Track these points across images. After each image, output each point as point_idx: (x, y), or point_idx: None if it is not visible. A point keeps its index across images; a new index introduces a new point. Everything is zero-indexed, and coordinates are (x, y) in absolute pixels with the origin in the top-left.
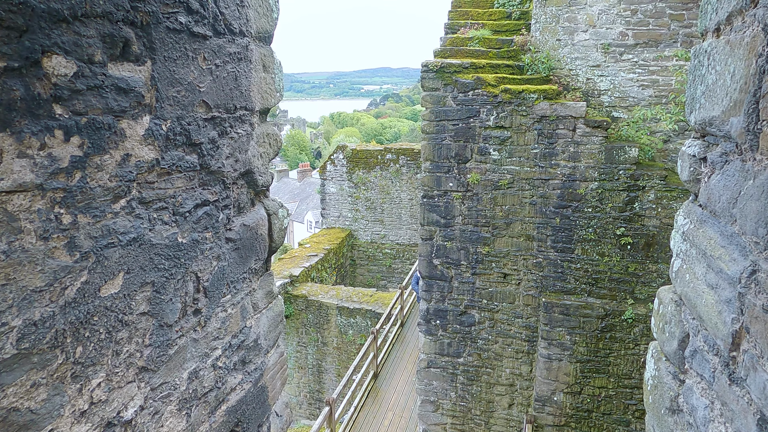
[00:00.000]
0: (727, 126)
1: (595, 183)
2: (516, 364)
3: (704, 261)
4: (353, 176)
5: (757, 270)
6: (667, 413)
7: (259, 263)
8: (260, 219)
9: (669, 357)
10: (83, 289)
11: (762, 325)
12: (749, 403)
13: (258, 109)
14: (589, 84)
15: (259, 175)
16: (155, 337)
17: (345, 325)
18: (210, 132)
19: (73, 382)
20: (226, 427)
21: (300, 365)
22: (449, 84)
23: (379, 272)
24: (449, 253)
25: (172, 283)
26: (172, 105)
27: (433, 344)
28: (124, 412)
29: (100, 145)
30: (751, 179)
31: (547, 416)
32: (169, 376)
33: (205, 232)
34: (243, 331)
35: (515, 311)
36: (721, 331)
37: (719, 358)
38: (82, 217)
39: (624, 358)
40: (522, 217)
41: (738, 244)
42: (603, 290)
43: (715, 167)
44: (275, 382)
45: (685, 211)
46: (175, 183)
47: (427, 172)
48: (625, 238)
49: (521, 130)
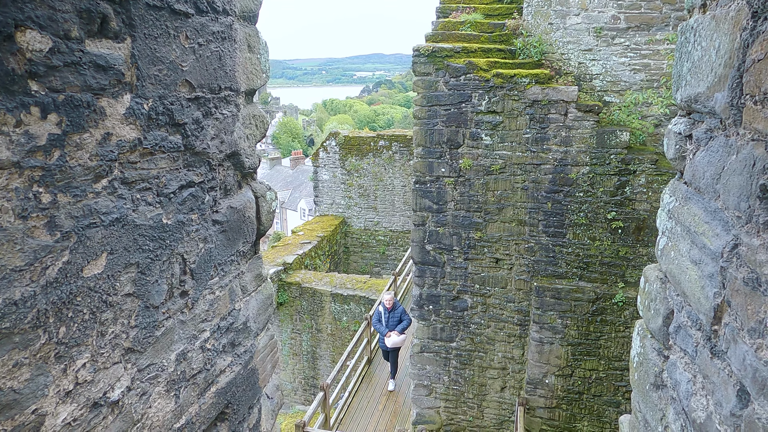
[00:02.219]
0: (711, 102)
1: (586, 167)
2: (508, 348)
3: (688, 238)
4: (346, 163)
5: (738, 244)
6: (652, 389)
7: (247, 246)
8: (248, 201)
9: (654, 334)
10: (65, 269)
11: (743, 298)
12: (729, 375)
13: (243, 90)
14: (581, 68)
15: (246, 157)
16: (141, 318)
17: (339, 311)
18: (194, 112)
19: (57, 362)
20: (215, 408)
21: (294, 352)
22: (441, 68)
23: (373, 259)
24: (441, 239)
25: (157, 264)
26: (154, 84)
27: (426, 329)
28: (111, 392)
29: (79, 123)
30: (734, 154)
31: (539, 398)
32: (156, 357)
33: (191, 214)
34: (232, 314)
35: (507, 296)
36: (703, 306)
37: (702, 333)
38: (62, 196)
39: (614, 341)
40: (514, 202)
41: (721, 220)
42: (594, 274)
43: (700, 144)
44: (265, 365)
45: (671, 190)
46: (158, 163)
47: (419, 158)
48: (616, 222)
49: (513, 115)
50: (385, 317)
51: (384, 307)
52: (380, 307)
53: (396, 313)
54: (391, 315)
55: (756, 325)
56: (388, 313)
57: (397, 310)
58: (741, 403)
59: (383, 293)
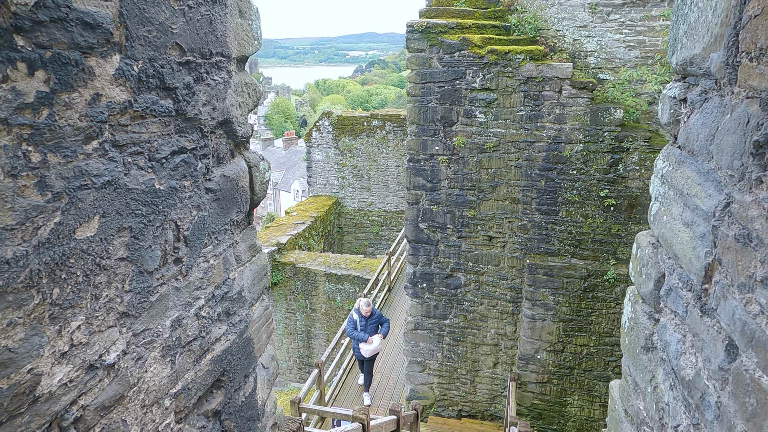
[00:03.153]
0: (707, 62)
1: (580, 145)
2: (501, 325)
3: (681, 200)
4: (339, 143)
5: (731, 202)
6: (642, 351)
7: (241, 215)
8: (241, 171)
9: (645, 298)
10: (57, 230)
11: (733, 254)
12: (719, 332)
13: (235, 57)
14: (575, 45)
15: (239, 125)
16: (135, 283)
17: (333, 291)
18: (185, 77)
19: (51, 323)
20: (211, 375)
21: (289, 331)
22: (435, 45)
23: (367, 239)
24: (435, 217)
25: (150, 229)
26: (143, 45)
27: (419, 307)
28: (107, 355)
29: (68, 82)
30: (729, 113)
31: (531, 374)
32: (151, 322)
33: (184, 180)
34: (226, 283)
35: (500, 273)
36: (694, 266)
37: (692, 293)
38: (52, 156)
39: (605, 317)
40: (507, 180)
41: (714, 180)
42: (586, 251)
43: (695, 107)
44: (261, 335)
45: (665, 155)
46: (149, 128)
47: (413, 136)
48: (608, 199)
49: (507, 92)
50: (362, 325)
51: (360, 315)
52: (354, 315)
53: (374, 319)
54: (368, 322)
55: (746, 280)
56: (365, 320)
57: (375, 316)
58: (729, 357)
59: (359, 300)
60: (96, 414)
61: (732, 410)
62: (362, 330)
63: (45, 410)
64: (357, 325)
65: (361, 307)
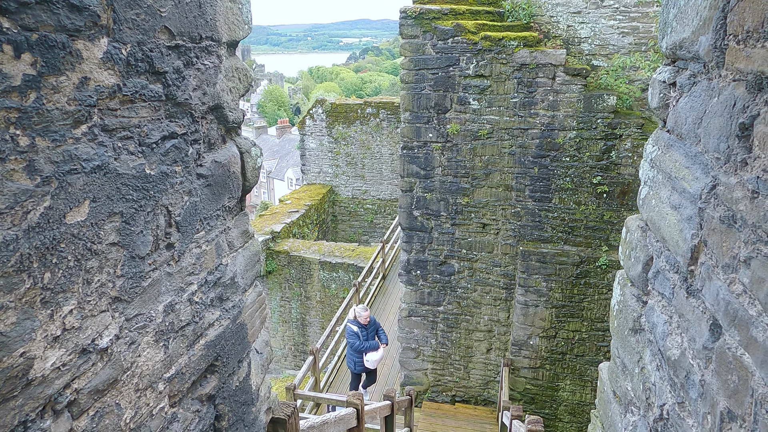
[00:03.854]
0: (696, 46)
1: (573, 132)
2: (494, 311)
3: (669, 184)
4: (333, 131)
5: (717, 184)
6: (630, 333)
7: (233, 201)
8: (232, 156)
9: (633, 281)
10: (47, 214)
11: (718, 236)
12: (703, 311)
13: (225, 41)
14: (569, 31)
15: (230, 110)
16: (127, 268)
17: (327, 279)
18: (174, 61)
19: (43, 307)
20: (205, 360)
21: (284, 319)
22: (428, 31)
23: (361, 228)
24: (429, 205)
25: (141, 215)
26: (132, 28)
27: (413, 294)
28: (99, 340)
29: (55, 65)
30: (716, 96)
31: (524, 359)
32: (144, 307)
33: (175, 166)
34: (219, 269)
35: (494, 260)
36: (681, 248)
37: (679, 275)
38: (41, 140)
39: (597, 303)
40: (501, 167)
41: (701, 163)
42: (579, 238)
43: (684, 90)
44: (254, 320)
45: (654, 139)
46: (139, 112)
47: (406, 123)
48: (601, 186)
49: (501, 79)
50: (363, 335)
51: (359, 325)
52: (353, 326)
53: (372, 327)
54: (369, 331)
55: (730, 261)
56: (366, 330)
57: (372, 323)
58: (713, 336)
59: (358, 308)
60: (89, 397)
61: (715, 388)
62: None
63: (38, 393)
64: (359, 335)
65: (359, 314)
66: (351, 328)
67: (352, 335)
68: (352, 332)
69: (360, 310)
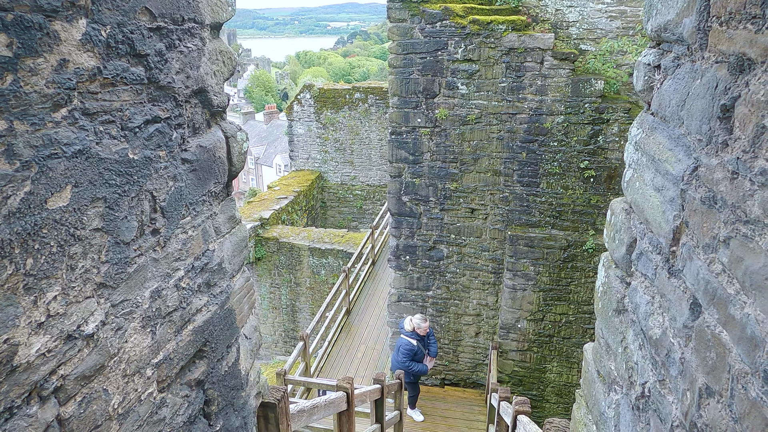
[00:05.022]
0: (680, 28)
1: (561, 117)
2: (482, 295)
3: (653, 166)
4: (321, 117)
5: (698, 166)
6: (614, 314)
7: (219, 186)
8: (218, 141)
9: (618, 263)
10: (28, 199)
11: (699, 216)
12: (684, 291)
13: (209, 23)
14: (558, 15)
15: (214, 94)
16: (112, 254)
17: (317, 265)
18: (156, 43)
19: (26, 293)
20: (193, 345)
21: (274, 306)
22: (416, 14)
23: (350, 213)
24: (418, 190)
25: (125, 200)
26: (111, 9)
27: (403, 279)
28: (85, 326)
29: (32, 47)
30: (699, 78)
31: (512, 342)
32: (130, 293)
33: (158, 150)
34: (206, 254)
35: (482, 245)
36: (663, 229)
37: (661, 256)
38: (19, 124)
39: (584, 286)
40: (489, 152)
41: (684, 145)
42: (566, 222)
43: (668, 73)
44: (242, 306)
45: (638, 122)
46: (120, 96)
47: (395, 108)
48: (588, 171)
49: (489, 63)
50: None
51: (417, 337)
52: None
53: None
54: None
55: (710, 241)
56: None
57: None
58: (693, 315)
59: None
60: (76, 383)
61: (694, 365)
62: (418, 353)
63: (24, 380)
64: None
65: (419, 325)
66: (409, 342)
67: (407, 353)
68: (409, 348)
69: (419, 320)
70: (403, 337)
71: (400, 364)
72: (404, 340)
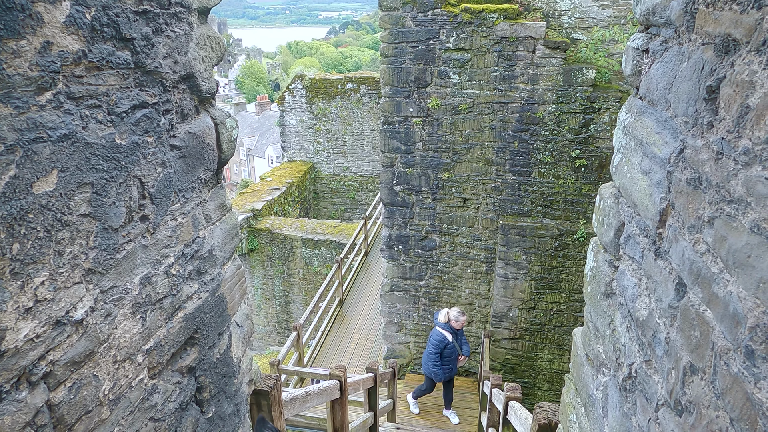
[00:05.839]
0: (667, 11)
1: (552, 106)
2: (475, 285)
3: (641, 150)
4: (313, 107)
5: (685, 148)
6: (602, 298)
7: (208, 173)
8: (207, 128)
9: (606, 247)
10: (13, 183)
11: (685, 198)
12: (670, 272)
13: (196, 8)
14: (549, 4)
15: (203, 80)
16: (100, 240)
17: (310, 256)
18: (142, 27)
19: (13, 278)
20: (184, 332)
21: (267, 297)
22: (408, 3)
23: (343, 204)
24: (410, 180)
25: (113, 186)
26: None
27: (395, 269)
28: (74, 312)
29: (14, 28)
30: (686, 61)
31: (503, 330)
32: (119, 280)
33: (146, 136)
34: (196, 242)
35: (474, 234)
36: (650, 212)
37: (648, 239)
38: (2, 107)
39: (575, 275)
40: (481, 141)
41: (670, 128)
42: (558, 211)
43: (656, 56)
44: (234, 293)
45: (627, 107)
46: (107, 80)
47: (387, 98)
48: (580, 160)
49: (481, 52)
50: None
51: (452, 331)
52: (447, 333)
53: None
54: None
55: (695, 222)
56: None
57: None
58: (678, 295)
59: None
60: (66, 369)
61: (679, 344)
62: (451, 348)
63: (12, 365)
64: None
65: (456, 318)
66: (440, 333)
67: (438, 343)
68: (439, 339)
69: (456, 313)
70: (437, 329)
71: (428, 355)
72: (436, 331)
